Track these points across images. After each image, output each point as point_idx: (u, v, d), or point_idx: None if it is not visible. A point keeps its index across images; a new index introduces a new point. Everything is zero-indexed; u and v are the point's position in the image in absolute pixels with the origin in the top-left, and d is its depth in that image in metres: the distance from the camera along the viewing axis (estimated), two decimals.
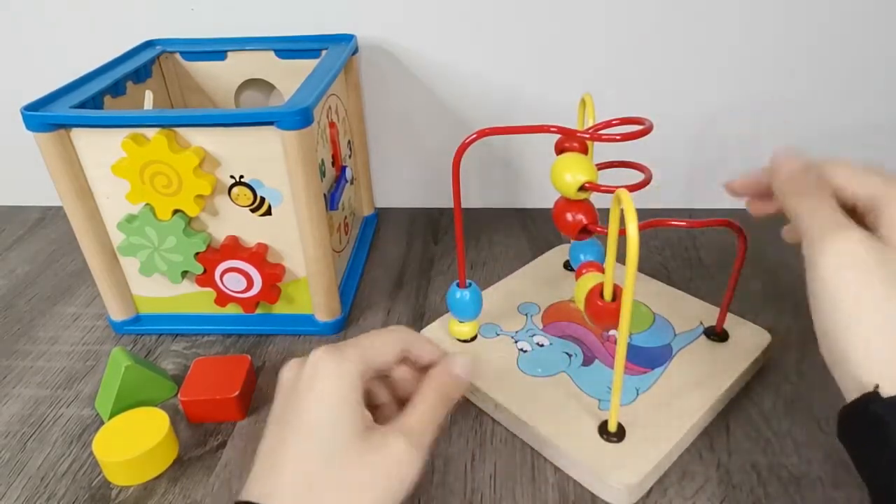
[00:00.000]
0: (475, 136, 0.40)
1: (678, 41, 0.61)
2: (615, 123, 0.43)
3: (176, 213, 0.48)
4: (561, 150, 0.45)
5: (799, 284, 0.33)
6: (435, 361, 0.36)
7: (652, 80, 0.63)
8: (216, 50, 0.62)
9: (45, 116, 0.45)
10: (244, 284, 0.51)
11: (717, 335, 0.48)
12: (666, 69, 0.63)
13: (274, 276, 0.51)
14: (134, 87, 0.56)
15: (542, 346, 0.48)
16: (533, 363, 0.46)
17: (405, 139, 0.70)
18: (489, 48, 0.63)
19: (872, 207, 0.32)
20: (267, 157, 0.46)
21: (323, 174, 0.51)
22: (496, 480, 0.40)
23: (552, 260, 0.59)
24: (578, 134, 0.42)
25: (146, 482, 0.41)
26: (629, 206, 0.32)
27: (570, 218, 0.42)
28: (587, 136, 0.42)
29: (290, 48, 0.61)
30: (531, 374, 0.45)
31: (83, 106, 0.47)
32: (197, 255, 0.49)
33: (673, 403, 0.42)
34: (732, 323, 0.48)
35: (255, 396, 0.48)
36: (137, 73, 0.56)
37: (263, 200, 0.48)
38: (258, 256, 0.50)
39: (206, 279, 0.51)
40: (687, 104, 0.65)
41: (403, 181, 0.72)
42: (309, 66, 0.55)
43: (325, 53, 0.58)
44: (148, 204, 0.48)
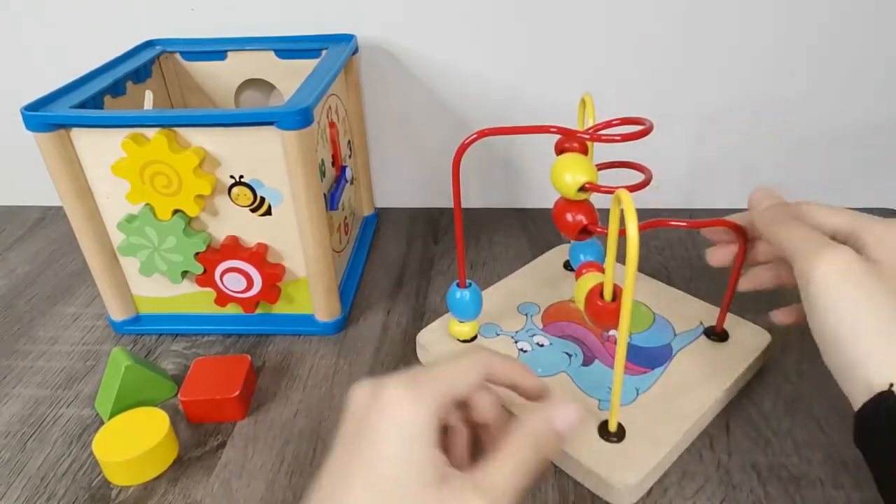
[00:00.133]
0: (475, 136, 0.40)
1: (678, 41, 0.61)
2: (615, 124, 0.43)
3: (176, 213, 0.48)
4: (561, 150, 0.45)
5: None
6: (532, 390, 0.33)
7: (652, 80, 0.63)
8: (216, 50, 0.62)
9: (45, 116, 0.45)
10: (244, 284, 0.51)
11: (717, 335, 0.47)
12: (666, 69, 0.63)
13: (274, 276, 0.51)
14: (134, 87, 0.56)
15: (542, 346, 0.48)
16: (533, 363, 0.46)
17: (405, 139, 0.70)
18: (489, 48, 0.63)
19: (853, 234, 0.35)
20: (267, 157, 0.46)
21: (323, 174, 0.51)
22: None
23: (552, 260, 0.59)
24: (578, 134, 0.42)
25: (146, 482, 0.41)
26: (629, 206, 0.32)
27: (570, 218, 0.42)
28: (587, 136, 0.42)
29: (290, 48, 0.61)
30: None
31: (83, 106, 0.47)
32: (197, 255, 0.49)
33: (673, 403, 0.42)
34: (732, 323, 0.48)
35: (255, 396, 0.48)
36: (137, 73, 0.56)
37: (263, 200, 0.48)
38: (258, 256, 0.50)
39: (206, 279, 0.51)
40: (687, 104, 0.64)
41: (403, 181, 0.72)
42: (309, 66, 0.55)
43: (325, 53, 0.58)
44: (148, 204, 0.48)
